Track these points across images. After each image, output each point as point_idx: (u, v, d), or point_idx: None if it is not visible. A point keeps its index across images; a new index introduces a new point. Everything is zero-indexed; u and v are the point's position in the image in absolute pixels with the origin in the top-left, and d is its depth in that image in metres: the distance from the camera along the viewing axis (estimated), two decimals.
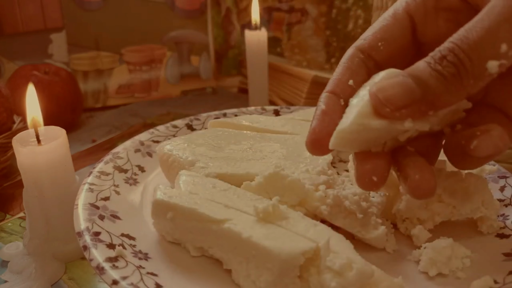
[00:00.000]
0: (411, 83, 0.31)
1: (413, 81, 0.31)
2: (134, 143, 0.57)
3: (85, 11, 0.95)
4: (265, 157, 0.50)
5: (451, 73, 0.30)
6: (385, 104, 0.32)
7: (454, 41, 0.30)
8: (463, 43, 0.30)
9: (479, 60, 0.30)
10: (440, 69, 0.30)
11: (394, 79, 0.32)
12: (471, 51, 0.30)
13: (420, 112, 0.32)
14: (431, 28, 0.35)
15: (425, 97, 0.31)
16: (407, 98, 0.31)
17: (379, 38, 0.36)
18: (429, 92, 0.31)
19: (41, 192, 0.49)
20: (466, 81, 0.30)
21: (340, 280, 0.34)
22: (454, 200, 0.42)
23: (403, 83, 0.31)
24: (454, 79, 0.30)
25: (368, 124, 0.33)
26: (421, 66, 0.31)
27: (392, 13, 0.37)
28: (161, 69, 1.03)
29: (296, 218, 0.39)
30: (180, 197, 0.41)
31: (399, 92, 0.31)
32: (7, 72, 0.90)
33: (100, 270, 0.37)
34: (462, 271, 0.40)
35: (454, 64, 0.30)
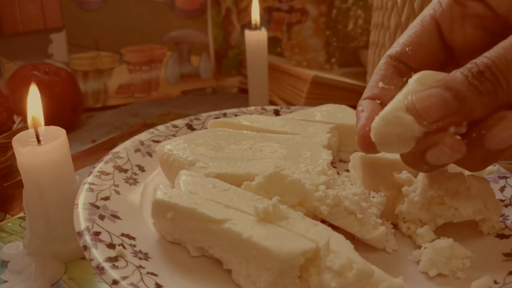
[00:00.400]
0: (448, 97, 0.32)
1: (450, 94, 0.32)
2: (134, 143, 0.57)
3: (85, 11, 0.95)
4: (265, 157, 0.50)
5: (487, 89, 0.31)
6: (423, 117, 0.33)
7: (492, 58, 0.31)
8: (501, 62, 0.31)
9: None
10: (478, 85, 0.31)
11: (432, 90, 0.33)
12: (508, 71, 0.31)
13: (454, 123, 0.33)
14: (458, 34, 0.36)
15: (461, 110, 0.32)
16: (444, 111, 0.32)
17: (407, 44, 0.37)
18: (465, 105, 0.32)
19: (41, 192, 0.49)
20: (501, 97, 0.32)
21: (340, 280, 0.34)
22: (456, 202, 0.42)
23: (441, 97, 0.32)
24: (489, 95, 0.31)
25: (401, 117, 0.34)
26: (458, 78, 0.32)
27: (420, 20, 0.38)
28: (161, 69, 1.03)
29: (296, 218, 0.39)
30: (180, 197, 0.41)
31: (436, 105, 0.32)
32: (7, 72, 0.90)
33: (100, 270, 0.37)
34: (462, 271, 0.40)
35: (491, 82, 0.31)
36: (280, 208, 0.39)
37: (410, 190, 0.43)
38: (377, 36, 0.72)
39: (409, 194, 0.43)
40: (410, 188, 0.44)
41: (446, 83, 0.32)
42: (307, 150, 0.51)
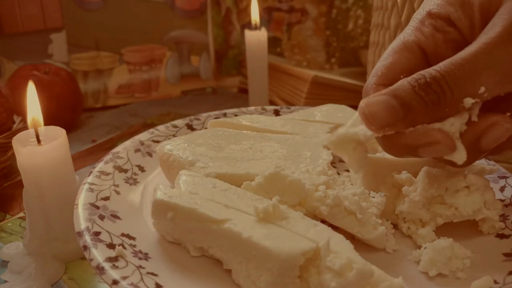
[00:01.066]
0: (395, 104, 0.35)
1: (397, 102, 0.35)
2: (134, 143, 0.57)
3: (85, 11, 0.95)
4: (265, 157, 0.50)
5: (432, 100, 0.34)
6: (371, 122, 0.36)
7: (441, 72, 0.34)
8: (450, 76, 0.34)
9: (459, 95, 0.34)
10: (424, 95, 0.34)
11: (380, 97, 0.35)
12: (455, 86, 0.34)
13: (400, 128, 0.36)
14: (442, 56, 0.37)
15: (406, 117, 0.35)
16: (391, 118, 0.35)
17: (398, 71, 0.38)
18: (410, 113, 0.35)
19: (41, 192, 0.49)
20: (443, 108, 0.35)
21: (340, 280, 0.34)
22: (456, 200, 0.42)
23: (389, 104, 0.35)
24: (434, 105, 0.34)
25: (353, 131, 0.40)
26: (405, 87, 0.35)
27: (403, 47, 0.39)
28: (161, 69, 1.03)
29: (296, 218, 0.39)
30: (180, 197, 0.41)
31: (384, 112, 0.35)
32: (7, 72, 0.90)
33: (100, 270, 0.37)
34: (462, 271, 0.40)
35: (437, 94, 0.34)
36: (280, 208, 0.39)
37: (411, 190, 0.43)
38: (377, 36, 0.72)
39: (410, 194, 0.43)
40: (410, 188, 0.44)
41: (393, 91, 0.35)
42: (307, 150, 0.51)
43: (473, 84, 0.34)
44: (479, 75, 0.33)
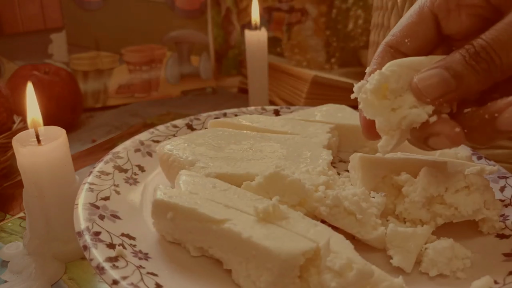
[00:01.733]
0: (447, 76, 0.35)
1: (449, 73, 0.35)
2: (134, 143, 0.57)
3: (85, 11, 0.95)
4: (265, 157, 0.50)
5: (483, 68, 0.35)
6: (425, 95, 0.36)
7: (487, 39, 0.34)
8: (495, 42, 0.34)
9: (508, 59, 0.34)
10: (474, 64, 0.35)
11: (433, 71, 0.36)
12: (502, 50, 0.34)
13: (453, 100, 0.36)
14: (454, 23, 0.38)
15: (459, 88, 0.35)
16: (444, 89, 0.35)
17: (405, 35, 0.40)
18: (463, 83, 0.35)
19: (41, 192, 0.49)
20: (495, 74, 0.35)
21: (340, 280, 0.34)
22: (456, 200, 0.42)
23: (441, 76, 0.35)
24: (485, 73, 0.35)
25: None
26: (456, 59, 0.35)
27: (417, 11, 0.40)
28: (161, 69, 1.03)
29: (296, 218, 0.39)
30: (180, 197, 0.41)
31: (437, 84, 0.35)
32: (7, 72, 0.90)
33: (100, 270, 0.37)
34: (463, 271, 0.40)
35: (486, 61, 0.34)
36: (280, 208, 0.39)
37: (411, 190, 0.43)
38: (377, 36, 0.72)
39: (409, 194, 0.43)
40: (410, 188, 0.44)
41: (446, 64, 0.35)
42: (307, 150, 0.51)
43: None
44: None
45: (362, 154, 0.47)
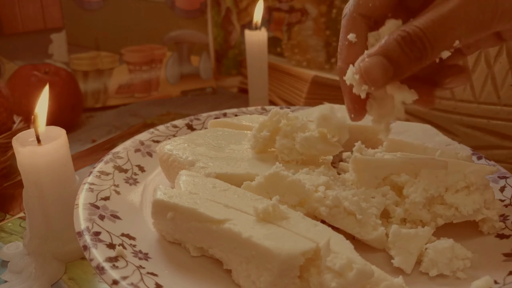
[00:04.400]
0: (386, 63, 0.39)
1: (387, 60, 0.39)
2: (134, 143, 0.57)
3: (85, 11, 0.95)
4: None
5: (416, 56, 0.39)
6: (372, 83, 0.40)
7: (423, 29, 0.38)
8: (431, 34, 0.38)
9: (438, 50, 0.38)
10: (409, 52, 0.39)
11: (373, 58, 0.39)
12: (435, 42, 0.38)
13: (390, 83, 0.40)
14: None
15: (396, 72, 0.39)
16: (385, 76, 0.39)
17: None
18: (399, 68, 0.39)
19: (41, 192, 0.49)
20: (427, 60, 0.39)
21: (341, 280, 0.34)
22: (456, 200, 0.42)
23: (382, 64, 0.39)
24: (417, 60, 0.39)
25: None
26: (393, 46, 0.39)
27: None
28: (161, 69, 1.03)
29: (296, 218, 0.39)
30: (180, 197, 0.41)
31: (380, 72, 0.39)
32: (7, 72, 0.90)
33: (100, 270, 0.37)
34: (463, 271, 0.40)
35: (420, 49, 0.38)
36: (280, 208, 0.39)
37: (411, 191, 0.43)
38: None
39: (410, 195, 0.43)
40: (410, 189, 0.44)
41: (383, 50, 0.39)
42: None
43: (450, 39, 0.38)
44: (455, 30, 0.38)
45: (358, 155, 0.46)
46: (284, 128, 0.47)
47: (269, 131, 0.48)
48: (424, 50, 0.38)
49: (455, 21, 0.37)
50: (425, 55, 0.39)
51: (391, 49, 0.39)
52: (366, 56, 0.40)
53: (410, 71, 0.40)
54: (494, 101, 0.60)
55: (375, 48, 0.40)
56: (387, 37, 0.39)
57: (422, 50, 0.38)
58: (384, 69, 0.39)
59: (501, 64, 0.59)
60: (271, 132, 0.48)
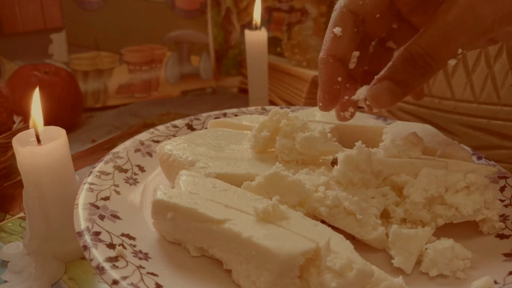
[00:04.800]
0: (394, 87, 0.41)
1: (395, 84, 0.41)
2: (134, 143, 0.57)
3: (85, 11, 0.95)
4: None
5: (421, 73, 0.40)
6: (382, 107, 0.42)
7: (423, 46, 0.40)
8: (431, 50, 0.39)
9: (443, 61, 0.40)
10: (413, 71, 0.40)
11: (381, 84, 0.41)
12: (436, 56, 0.40)
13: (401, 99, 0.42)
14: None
15: (405, 92, 0.41)
16: (394, 98, 0.41)
17: None
18: (408, 88, 0.41)
19: (41, 192, 0.49)
20: (431, 75, 0.41)
21: (341, 280, 0.34)
22: (456, 200, 0.43)
23: (389, 89, 0.41)
24: (423, 76, 0.40)
25: None
26: (398, 68, 0.41)
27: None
28: (161, 69, 1.03)
29: (296, 218, 0.39)
30: (180, 197, 0.41)
31: (389, 97, 0.41)
32: (7, 72, 0.90)
33: (100, 270, 0.37)
34: (463, 271, 0.40)
35: (424, 66, 0.40)
36: (280, 208, 0.39)
37: (411, 191, 0.43)
38: None
39: (410, 195, 0.43)
40: (411, 189, 0.44)
41: (390, 74, 0.41)
42: None
43: (451, 50, 0.39)
44: (456, 41, 0.39)
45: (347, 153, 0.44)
46: (284, 128, 0.47)
47: (269, 131, 0.48)
48: (428, 66, 0.40)
49: (455, 32, 0.39)
50: (429, 70, 0.40)
51: (397, 71, 0.41)
52: (375, 81, 0.42)
53: (419, 86, 0.41)
54: (494, 101, 0.60)
55: (383, 72, 0.41)
56: (394, 59, 0.41)
57: (426, 67, 0.40)
58: (392, 93, 0.41)
59: (501, 64, 0.59)
60: (271, 132, 0.48)
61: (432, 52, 0.39)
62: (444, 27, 0.39)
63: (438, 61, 0.40)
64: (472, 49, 0.40)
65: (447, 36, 0.39)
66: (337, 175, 0.44)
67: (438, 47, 0.39)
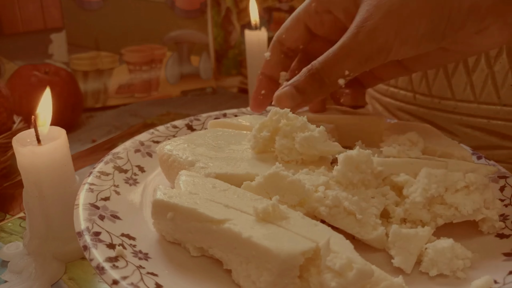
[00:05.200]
0: (294, 93, 0.49)
1: (296, 90, 0.49)
2: (134, 143, 0.57)
3: (85, 11, 0.95)
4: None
5: (316, 86, 0.48)
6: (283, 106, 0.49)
7: (318, 65, 0.47)
8: (323, 68, 0.47)
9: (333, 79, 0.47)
10: (311, 83, 0.48)
11: (285, 88, 0.50)
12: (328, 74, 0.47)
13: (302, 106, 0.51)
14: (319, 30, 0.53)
15: (304, 99, 0.49)
16: (293, 102, 0.50)
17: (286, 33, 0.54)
18: (305, 96, 0.49)
19: (41, 192, 0.49)
20: (326, 89, 0.48)
21: (340, 280, 0.34)
22: (456, 200, 0.43)
23: (290, 94, 0.49)
24: (318, 89, 0.48)
25: None
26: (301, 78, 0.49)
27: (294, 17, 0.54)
28: (161, 69, 1.03)
29: (296, 218, 0.39)
30: (180, 197, 0.41)
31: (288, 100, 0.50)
32: (7, 72, 0.90)
33: (100, 270, 0.37)
34: (462, 271, 0.40)
35: (318, 81, 0.48)
36: (279, 208, 0.39)
37: (411, 191, 0.43)
38: None
39: (410, 195, 0.43)
40: (410, 189, 0.44)
41: (293, 82, 0.49)
42: None
43: (340, 70, 0.46)
44: (343, 63, 0.46)
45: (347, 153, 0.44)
46: (284, 128, 0.47)
47: (269, 131, 0.48)
48: (322, 81, 0.47)
49: (341, 56, 0.46)
50: (323, 85, 0.48)
51: (299, 80, 0.49)
52: (283, 85, 0.51)
53: (317, 98, 0.50)
54: (494, 101, 0.60)
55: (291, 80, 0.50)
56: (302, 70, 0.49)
57: (321, 81, 0.47)
58: (292, 97, 0.49)
59: (501, 64, 0.59)
60: (271, 132, 0.48)
61: (322, 70, 0.47)
62: (335, 49, 0.46)
63: (329, 78, 0.47)
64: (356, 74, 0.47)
65: (335, 58, 0.46)
66: (337, 175, 0.44)
67: (328, 66, 0.47)
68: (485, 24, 0.43)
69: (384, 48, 0.44)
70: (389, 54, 0.45)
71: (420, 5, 0.43)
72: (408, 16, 0.43)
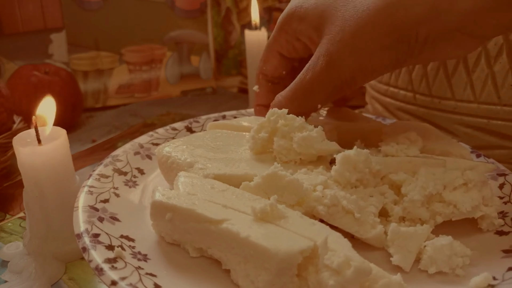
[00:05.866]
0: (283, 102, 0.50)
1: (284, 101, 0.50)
2: (134, 146, 0.57)
3: (85, 11, 0.95)
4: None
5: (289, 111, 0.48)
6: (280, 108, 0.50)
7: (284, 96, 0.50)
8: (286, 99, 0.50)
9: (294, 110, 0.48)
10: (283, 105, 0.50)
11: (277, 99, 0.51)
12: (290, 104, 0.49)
13: None
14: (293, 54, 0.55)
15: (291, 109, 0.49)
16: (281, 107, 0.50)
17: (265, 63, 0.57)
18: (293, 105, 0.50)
19: (41, 192, 0.49)
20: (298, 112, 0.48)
21: (338, 278, 0.34)
22: (454, 198, 0.43)
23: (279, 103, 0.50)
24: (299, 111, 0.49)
25: None
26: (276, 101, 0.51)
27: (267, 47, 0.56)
28: (161, 69, 1.03)
29: (294, 217, 0.39)
30: (178, 198, 0.41)
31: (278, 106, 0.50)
32: (7, 72, 0.90)
33: (99, 271, 0.37)
34: (462, 268, 0.40)
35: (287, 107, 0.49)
36: (278, 208, 0.39)
37: (409, 189, 0.43)
38: None
39: (408, 193, 0.43)
40: (409, 187, 0.44)
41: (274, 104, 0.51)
42: None
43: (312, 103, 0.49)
44: (314, 96, 0.48)
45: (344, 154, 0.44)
46: (282, 128, 0.47)
47: (267, 132, 0.48)
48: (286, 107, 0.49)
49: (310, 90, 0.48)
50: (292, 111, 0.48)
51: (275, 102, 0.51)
52: None
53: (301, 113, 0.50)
54: (494, 101, 0.60)
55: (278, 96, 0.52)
56: None
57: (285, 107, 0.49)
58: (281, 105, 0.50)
59: (501, 64, 0.59)
60: (269, 133, 0.48)
61: (288, 102, 0.49)
62: (308, 81, 0.47)
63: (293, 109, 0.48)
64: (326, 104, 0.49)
65: (306, 94, 0.48)
66: (335, 174, 0.44)
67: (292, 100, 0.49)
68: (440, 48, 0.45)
69: (346, 81, 0.47)
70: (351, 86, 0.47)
71: (381, 41, 0.44)
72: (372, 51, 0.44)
